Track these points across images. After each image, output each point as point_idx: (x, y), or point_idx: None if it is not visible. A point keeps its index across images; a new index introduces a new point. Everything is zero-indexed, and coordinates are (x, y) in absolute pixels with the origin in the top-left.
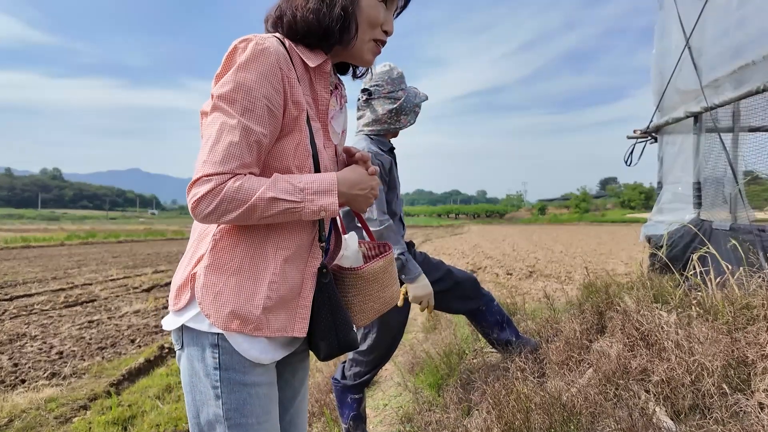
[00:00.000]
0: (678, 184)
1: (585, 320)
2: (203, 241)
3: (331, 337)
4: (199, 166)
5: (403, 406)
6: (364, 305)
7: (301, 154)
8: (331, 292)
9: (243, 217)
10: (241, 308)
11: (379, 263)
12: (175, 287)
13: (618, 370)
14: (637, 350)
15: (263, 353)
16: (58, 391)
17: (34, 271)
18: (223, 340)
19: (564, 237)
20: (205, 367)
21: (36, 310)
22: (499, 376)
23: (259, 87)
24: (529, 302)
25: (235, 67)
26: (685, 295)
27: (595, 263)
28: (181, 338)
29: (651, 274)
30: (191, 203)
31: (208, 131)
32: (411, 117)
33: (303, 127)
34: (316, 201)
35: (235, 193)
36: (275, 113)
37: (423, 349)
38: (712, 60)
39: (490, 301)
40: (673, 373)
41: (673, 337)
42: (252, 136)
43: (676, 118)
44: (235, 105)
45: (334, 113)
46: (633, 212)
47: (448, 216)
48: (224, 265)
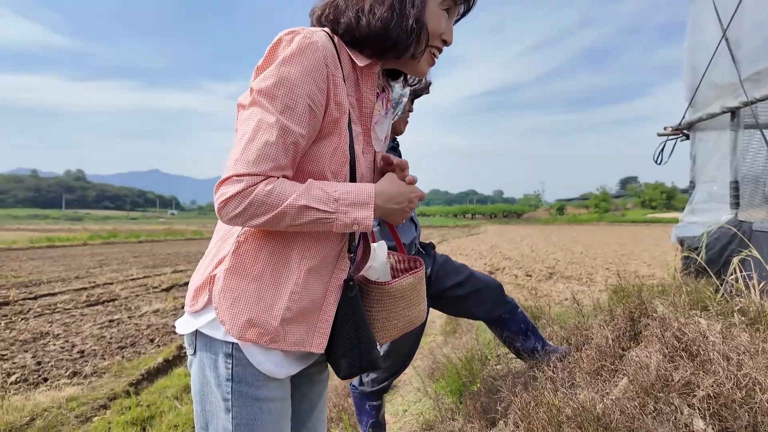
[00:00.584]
0: (713, 183)
1: (617, 327)
2: (226, 242)
3: (353, 355)
4: (231, 163)
5: (423, 413)
6: (388, 322)
7: (338, 159)
8: (356, 306)
9: (271, 222)
10: (259, 317)
11: (408, 279)
12: (193, 288)
13: (657, 382)
14: (678, 361)
15: (278, 367)
16: (79, 390)
17: (57, 270)
18: (238, 350)
19: (584, 237)
20: (217, 377)
21: (59, 308)
22: (527, 385)
23: (303, 84)
24: (552, 306)
25: (278, 60)
26: (726, 301)
27: (616, 264)
28: (194, 343)
29: (686, 278)
30: (218, 203)
31: (244, 127)
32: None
33: (343, 130)
34: (351, 213)
35: (266, 197)
36: (316, 113)
37: (443, 353)
38: (753, 52)
39: (514, 308)
40: (721, 388)
41: (720, 348)
42: (290, 137)
43: (711, 113)
44: (275, 101)
45: (379, 118)
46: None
47: (464, 216)
48: (245, 270)
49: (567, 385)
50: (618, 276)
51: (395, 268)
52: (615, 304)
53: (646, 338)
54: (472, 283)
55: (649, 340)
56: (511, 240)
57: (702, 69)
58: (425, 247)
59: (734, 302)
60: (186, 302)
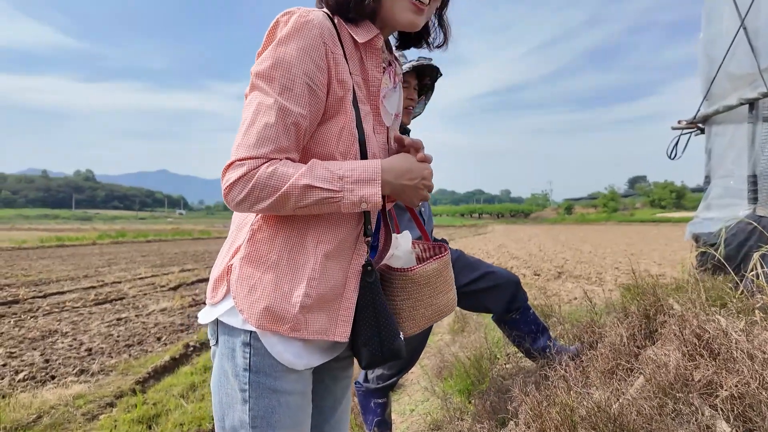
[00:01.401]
0: (730, 178)
1: (631, 324)
2: (241, 231)
3: (374, 344)
4: (234, 149)
5: (431, 413)
6: (414, 311)
7: (345, 139)
8: (375, 293)
9: (276, 205)
10: (277, 305)
11: (432, 265)
12: (213, 279)
13: (677, 381)
14: (698, 360)
15: (298, 358)
16: (86, 387)
17: (67, 269)
18: (256, 339)
19: (592, 237)
20: (234, 367)
21: (68, 307)
22: (538, 384)
23: (300, 63)
24: (561, 304)
25: (275, 42)
26: (746, 298)
27: (626, 264)
28: (216, 333)
29: (702, 275)
30: (224, 189)
31: (245, 113)
32: None
33: (349, 109)
34: (357, 191)
35: (268, 179)
36: (317, 93)
37: (451, 352)
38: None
39: (526, 309)
40: (746, 388)
41: (744, 346)
42: (290, 117)
43: (727, 106)
44: (272, 83)
45: (387, 91)
46: (664, 212)
47: (471, 216)
48: (261, 258)
49: (580, 384)
50: (632, 273)
51: (421, 257)
52: (629, 302)
53: (664, 336)
54: (490, 278)
55: (666, 338)
56: (519, 239)
57: (718, 60)
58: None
59: (755, 299)
60: (207, 294)
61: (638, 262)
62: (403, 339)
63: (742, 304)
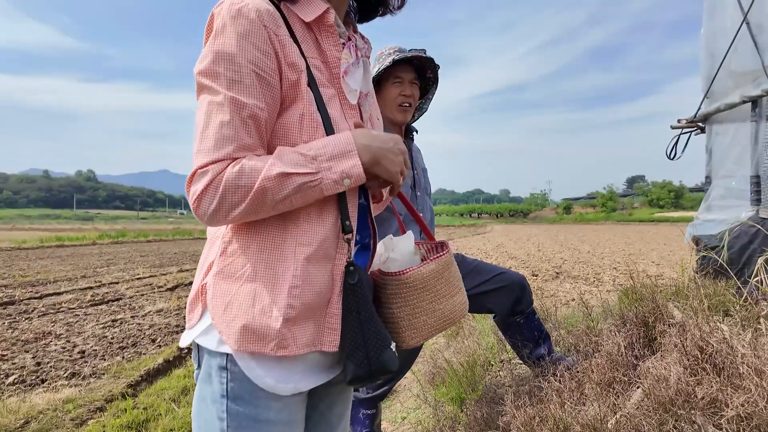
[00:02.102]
0: (731, 179)
1: (629, 333)
2: (213, 246)
3: (359, 355)
4: (193, 158)
5: (422, 421)
6: (414, 319)
7: (308, 126)
8: (359, 296)
9: (253, 206)
10: (257, 322)
11: (429, 267)
12: (189, 301)
13: (678, 397)
14: (702, 374)
15: (282, 381)
16: (76, 391)
17: (65, 269)
18: (233, 362)
19: (591, 237)
20: (212, 393)
21: (63, 308)
22: (531, 396)
23: (242, 52)
24: (559, 306)
25: (212, 35)
26: (750, 305)
27: (624, 264)
28: (198, 356)
29: (704, 280)
30: (192, 204)
31: (197, 117)
32: None
33: (305, 93)
34: (335, 167)
35: (237, 179)
36: (268, 81)
37: (444, 358)
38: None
39: (531, 314)
40: (755, 408)
41: (751, 361)
42: (244, 111)
43: (729, 104)
44: (218, 79)
45: (348, 66)
46: (662, 211)
47: (471, 215)
48: (236, 272)
49: (575, 397)
50: (630, 277)
51: (426, 259)
52: (626, 308)
53: (664, 347)
54: (497, 279)
55: (666, 349)
56: (518, 239)
57: (720, 56)
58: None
59: (760, 307)
60: (186, 317)
61: (636, 262)
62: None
63: (746, 312)
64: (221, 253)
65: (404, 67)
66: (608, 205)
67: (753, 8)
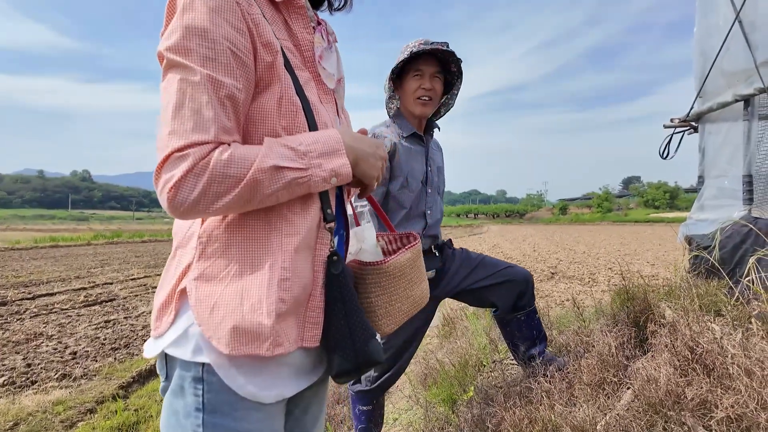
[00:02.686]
0: (724, 178)
1: (620, 333)
2: (186, 248)
3: (346, 347)
4: (165, 140)
5: (413, 423)
6: (391, 307)
7: (287, 110)
8: (343, 286)
9: (240, 199)
10: (248, 321)
11: (405, 255)
12: (157, 308)
13: (668, 398)
14: (692, 375)
15: (266, 389)
16: (66, 393)
17: (58, 270)
18: (210, 372)
19: (586, 237)
20: (185, 406)
21: (56, 309)
22: (521, 397)
23: (215, 27)
24: (552, 306)
25: (178, 11)
26: (742, 305)
27: (619, 264)
28: (164, 368)
29: (696, 280)
30: (167, 193)
31: (165, 97)
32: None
33: (282, 74)
34: (325, 165)
35: (226, 167)
36: (244, 60)
37: (437, 358)
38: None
39: (532, 312)
40: (744, 409)
41: (741, 362)
42: (222, 90)
43: (722, 103)
44: (190, 55)
45: (322, 51)
46: (657, 212)
47: (467, 216)
48: (219, 273)
49: (565, 398)
50: (623, 277)
51: (386, 250)
52: (618, 308)
53: (654, 347)
54: (503, 274)
55: (657, 349)
56: (514, 240)
57: (712, 55)
58: (442, 246)
59: (751, 307)
60: (151, 325)
61: (631, 263)
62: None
63: (738, 311)
64: (200, 255)
65: (427, 59)
66: (604, 205)
67: (746, 6)
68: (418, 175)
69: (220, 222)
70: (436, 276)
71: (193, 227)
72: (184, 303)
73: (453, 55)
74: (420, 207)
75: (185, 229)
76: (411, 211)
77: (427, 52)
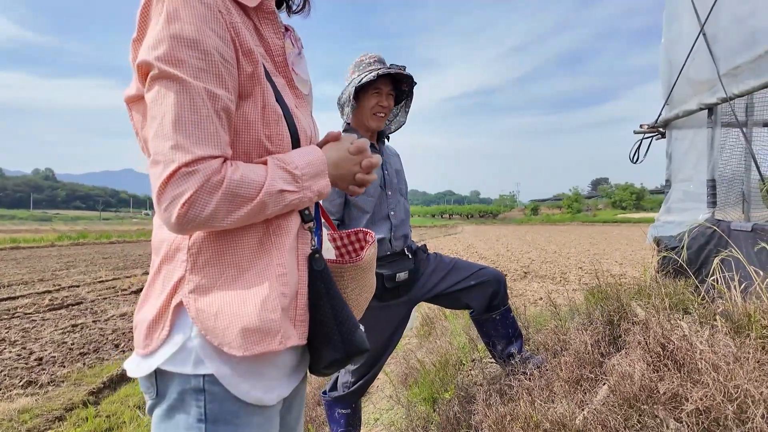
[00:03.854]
0: (689, 182)
1: (596, 331)
2: (173, 261)
3: (335, 340)
4: (167, 153)
5: (395, 422)
6: (359, 297)
7: (270, 118)
8: (328, 281)
9: (246, 218)
10: (255, 320)
11: (372, 249)
12: (145, 324)
13: (641, 393)
14: (663, 371)
15: (269, 391)
16: (32, 401)
17: (21, 272)
18: (212, 383)
19: (557, 237)
20: (186, 419)
21: (18, 313)
22: (502, 395)
23: (204, 38)
24: (527, 305)
25: (161, 20)
26: (708, 303)
27: (589, 263)
28: (155, 385)
29: (665, 279)
30: (178, 209)
31: (159, 108)
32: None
33: (263, 82)
34: (313, 187)
35: (238, 187)
36: (231, 70)
37: (417, 358)
38: (731, 47)
39: (507, 311)
40: (712, 402)
41: (709, 357)
42: (218, 103)
43: (687, 110)
44: (182, 66)
45: (294, 58)
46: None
47: (442, 216)
48: (216, 282)
49: (544, 395)
50: (596, 276)
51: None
52: (593, 307)
53: (628, 344)
54: (476, 276)
55: (630, 346)
56: (487, 240)
57: (679, 65)
58: (415, 251)
59: (716, 305)
60: (136, 343)
61: (601, 262)
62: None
63: (704, 309)
64: (192, 267)
65: (384, 79)
66: (574, 206)
67: (709, 20)
68: (376, 180)
69: (209, 232)
70: (409, 278)
71: (179, 240)
72: (180, 317)
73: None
74: (383, 210)
75: (169, 242)
76: (374, 215)
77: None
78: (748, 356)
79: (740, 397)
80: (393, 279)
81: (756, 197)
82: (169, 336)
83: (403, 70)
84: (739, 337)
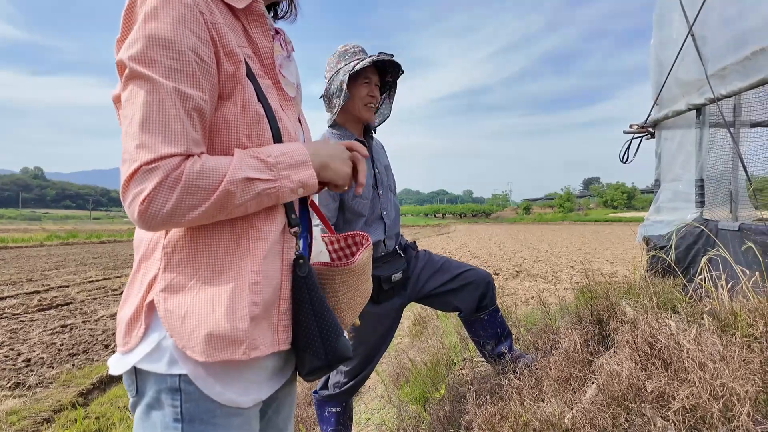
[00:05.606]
0: (678, 182)
1: (585, 330)
2: (150, 260)
3: (315, 346)
4: (132, 152)
5: (386, 422)
6: (353, 301)
7: (250, 118)
8: (311, 288)
9: (212, 210)
10: (221, 326)
11: (366, 253)
12: (124, 323)
13: (629, 391)
14: (651, 369)
15: (243, 394)
16: (20, 402)
17: (8, 272)
18: (187, 382)
19: (549, 236)
20: (163, 418)
21: (6, 314)
22: (492, 394)
23: (180, 38)
24: (518, 304)
25: (140, 20)
26: (695, 302)
27: (581, 263)
28: (135, 383)
29: (653, 278)
30: (138, 206)
31: (130, 108)
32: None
33: (245, 83)
34: (293, 176)
35: (197, 179)
36: (208, 71)
37: (408, 357)
38: (719, 48)
39: (494, 311)
40: (698, 400)
41: (695, 355)
42: (189, 103)
43: (676, 111)
44: (155, 66)
45: (282, 60)
46: (616, 212)
47: (435, 215)
48: (188, 282)
49: (534, 394)
50: (586, 276)
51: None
52: (582, 306)
53: (616, 343)
54: (463, 277)
55: (619, 345)
56: (480, 239)
57: (668, 66)
58: (405, 247)
59: (703, 304)
60: (118, 340)
61: (592, 261)
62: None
63: (692, 308)
64: (165, 265)
65: (373, 69)
66: (566, 205)
67: (698, 21)
68: (369, 180)
69: (185, 231)
70: (403, 278)
71: (156, 238)
72: (154, 316)
73: (397, 68)
74: (376, 211)
75: (147, 241)
76: (369, 217)
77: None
78: (734, 354)
79: (726, 395)
80: (389, 280)
81: (743, 197)
82: (146, 334)
83: (392, 57)
84: (726, 335)
